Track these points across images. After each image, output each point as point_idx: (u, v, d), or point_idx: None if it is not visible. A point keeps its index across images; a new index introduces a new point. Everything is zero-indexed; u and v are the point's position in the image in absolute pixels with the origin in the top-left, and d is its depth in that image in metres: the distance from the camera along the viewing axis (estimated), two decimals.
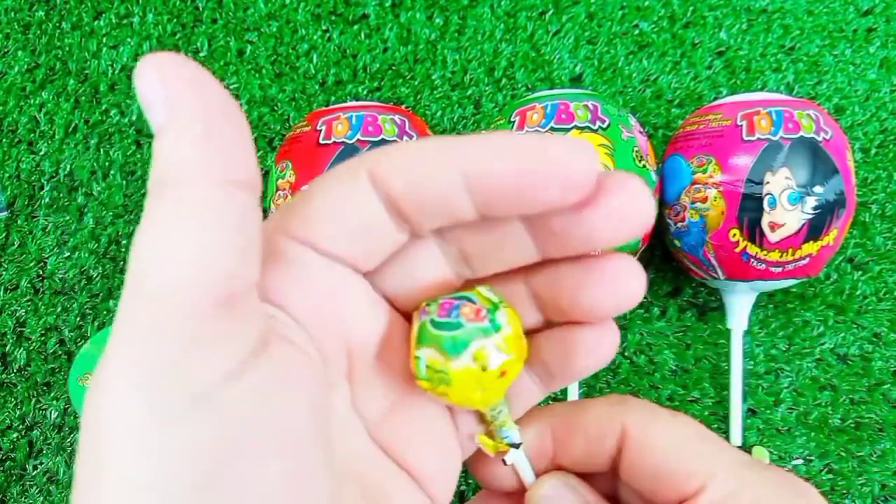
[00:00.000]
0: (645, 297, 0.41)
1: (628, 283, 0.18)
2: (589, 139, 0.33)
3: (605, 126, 0.34)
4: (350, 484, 0.17)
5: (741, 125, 0.34)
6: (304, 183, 0.34)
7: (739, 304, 0.37)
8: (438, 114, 0.44)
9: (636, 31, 0.44)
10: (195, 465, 0.13)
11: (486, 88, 0.44)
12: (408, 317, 0.20)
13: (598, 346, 0.20)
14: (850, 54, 0.44)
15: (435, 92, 0.44)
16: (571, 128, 0.33)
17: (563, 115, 0.34)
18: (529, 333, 0.20)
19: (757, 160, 0.33)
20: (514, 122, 0.35)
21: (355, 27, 0.45)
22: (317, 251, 0.17)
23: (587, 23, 0.45)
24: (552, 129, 0.33)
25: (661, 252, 0.41)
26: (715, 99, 0.39)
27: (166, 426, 0.13)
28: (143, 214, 0.14)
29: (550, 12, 0.45)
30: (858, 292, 0.41)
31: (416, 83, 0.44)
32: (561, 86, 0.44)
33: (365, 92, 0.44)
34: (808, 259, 0.34)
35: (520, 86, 0.44)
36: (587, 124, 0.33)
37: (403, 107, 0.41)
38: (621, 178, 0.16)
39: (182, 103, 0.13)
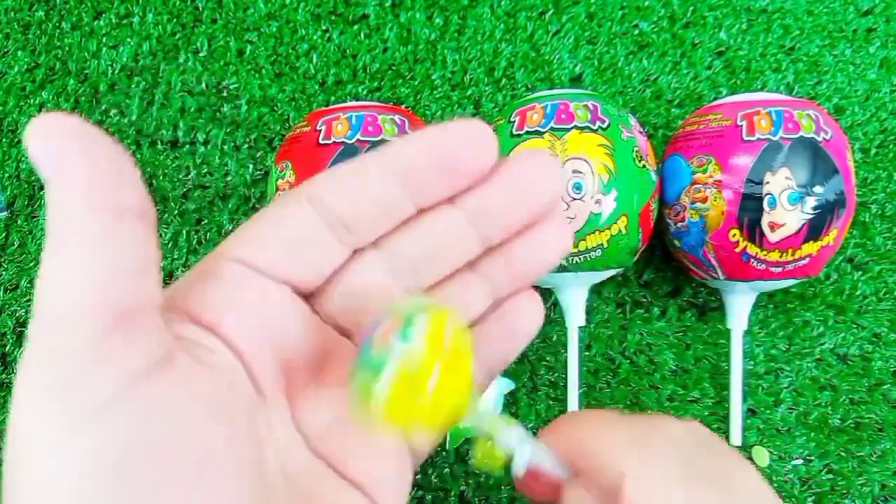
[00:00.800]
0: (645, 297, 0.41)
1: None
2: (589, 139, 0.33)
3: (605, 126, 0.34)
4: (291, 495, 0.18)
5: (741, 125, 0.34)
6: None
7: (739, 304, 0.37)
8: (438, 114, 0.44)
9: (636, 31, 0.44)
10: (99, 474, 0.14)
11: (486, 88, 0.44)
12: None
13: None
14: (850, 54, 0.44)
15: (435, 92, 0.44)
16: (571, 128, 0.33)
17: (562, 115, 0.34)
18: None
19: (757, 160, 0.33)
20: (513, 121, 0.34)
21: (355, 27, 0.45)
22: (255, 270, 0.19)
23: (587, 23, 0.45)
24: (552, 129, 0.33)
25: (661, 252, 0.41)
26: (715, 99, 0.39)
27: (68, 438, 0.14)
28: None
29: (550, 12, 0.45)
30: (858, 292, 0.41)
31: (416, 83, 0.44)
32: (561, 86, 0.44)
33: (365, 92, 0.44)
34: (808, 259, 0.34)
35: (520, 86, 0.44)
36: (587, 124, 0.33)
37: (403, 107, 0.41)
38: (521, 151, 0.20)
39: (65, 153, 0.15)
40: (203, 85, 0.44)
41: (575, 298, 0.37)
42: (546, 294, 0.41)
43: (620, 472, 0.19)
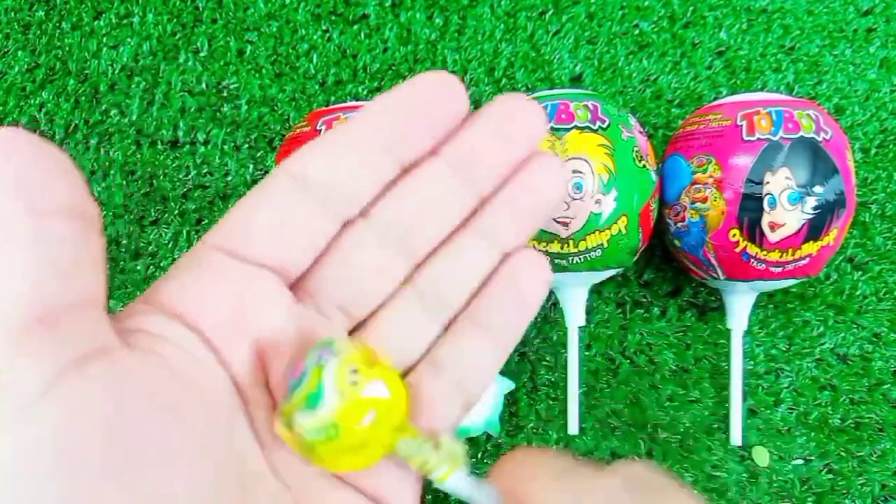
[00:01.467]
0: (645, 297, 0.41)
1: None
2: (589, 139, 0.33)
3: (605, 126, 0.34)
4: (279, 495, 0.18)
5: (741, 125, 0.34)
6: None
7: (739, 304, 0.37)
8: None
9: (636, 31, 0.44)
10: (30, 474, 0.14)
11: (486, 88, 0.44)
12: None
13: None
14: (850, 54, 0.44)
15: None
16: (572, 128, 0.33)
17: (563, 115, 0.34)
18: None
19: (757, 160, 0.33)
20: None
21: (355, 27, 0.45)
22: (235, 257, 0.18)
23: (587, 23, 0.45)
24: (552, 128, 0.33)
25: (661, 252, 0.41)
26: (715, 99, 0.39)
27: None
28: None
29: (550, 12, 0.45)
30: (858, 292, 0.41)
31: None
32: (561, 86, 0.44)
33: (365, 92, 0.44)
34: (808, 259, 0.34)
35: (520, 86, 0.44)
36: (587, 124, 0.33)
37: None
38: (498, 96, 0.20)
39: None
40: (203, 85, 0.44)
41: (575, 298, 0.37)
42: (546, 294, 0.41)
43: None
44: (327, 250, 0.20)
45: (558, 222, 0.33)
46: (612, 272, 0.36)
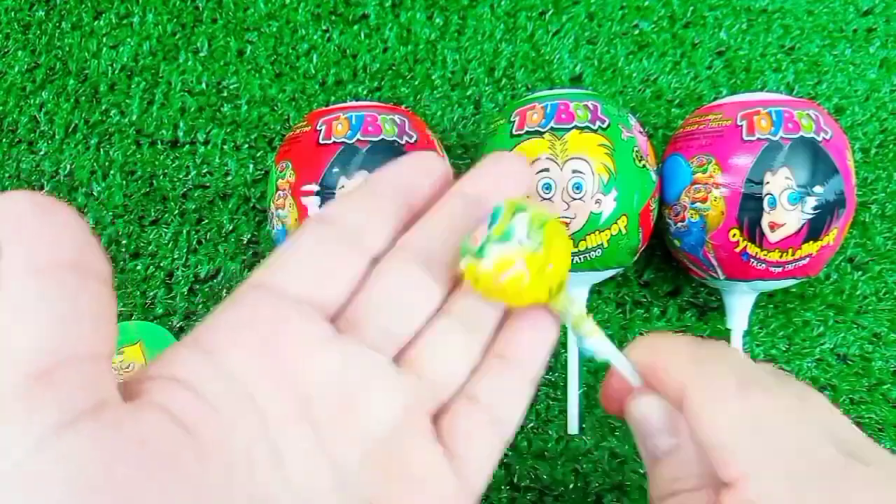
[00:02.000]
0: (645, 297, 0.41)
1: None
2: (589, 139, 0.33)
3: (605, 126, 0.34)
4: None
5: (741, 125, 0.34)
6: (304, 182, 0.34)
7: (739, 304, 0.37)
8: (438, 114, 0.44)
9: (636, 31, 0.44)
10: None
11: (486, 88, 0.44)
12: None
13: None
14: (850, 54, 0.44)
15: (435, 92, 0.44)
16: (571, 127, 0.33)
17: (563, 115, 0.34)
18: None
19: (757, 160, 0.33)
20: (513, 121, 0.34)
21: (355, 27, 0.45)
22: (273, 292, 0.20)
23: (587, 23, 0.44)
24: (552, 128, 0.33)
25: (661, 252, 0.41)
26: (715, 99, 0.39)
27: None
28: None
29: (550, 12, 0.45)
30: (858, 292, 0.41)
31: (416, 83, 0.44)
32: (561, 85, 0.44)
33: (365, 92, 0.44)
34: (808, 259, 0.34)
35: (520, 86, 0.44)
36: (587, 124, 0.33)
37: (403, 107, 0.41)
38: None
39: None
40: (203, 85, 0.44)
41: (575, 298, 0.37)
42: None
43: (682, 382, 0.20)
44: (364, 282, 0.21)
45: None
46: (612, 272, 0.36)
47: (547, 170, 0.33)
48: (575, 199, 0.33)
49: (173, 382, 0.17)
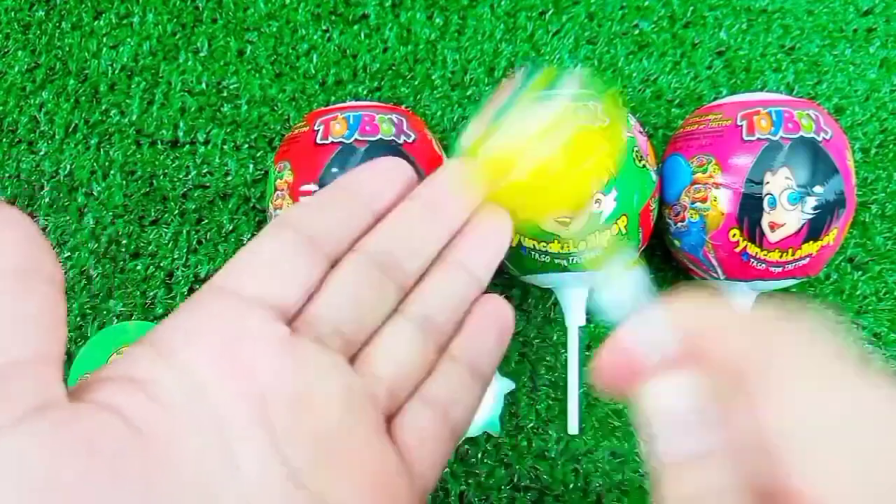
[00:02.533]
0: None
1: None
2: None
3: (605, 125, 0.33)
4: None
5: (741, 125, 0.34)
6: (302, 182, 0.33)
7: (739, 304, 0.37)
8: (438, 114, 0.44)
9: (636, 31, 0.44)
10: None
11: (486, 88, 0.44)
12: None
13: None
14: (850, 54, 0.43)
15: (435, 92, 0.44)
16: None
17: None
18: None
19: (757, 160, 0.33)
20: None
21: (355, 27, 0.45)
22: (229, 295, 0.20)
23: (587, 23, 0.44)
24: None
25: (661, 252, 0.41)
26: (715, 99, 0.39)
27: None
28: None
29: (550, 12, 0.45)
30: (858, 292, 0.41)
31: (416, 83, 0.44)
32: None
33: (365, 92, 0.44)
34: (808, 259, 0.34)
35: None
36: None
37: (403, 107, 0.40)
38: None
39: None
40: (203, 85, 0.44)
41: (575, 298, 0.37)
42: (546, 294, 0.41)
43: (745, 358, 0.15)
44: (321, 284, 0.22)
45: (558, 222, 0.33)
46: None
47: None
48: None
49: (128, 383, 0.17)
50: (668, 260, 0.41)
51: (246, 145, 0.43)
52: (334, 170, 0.33)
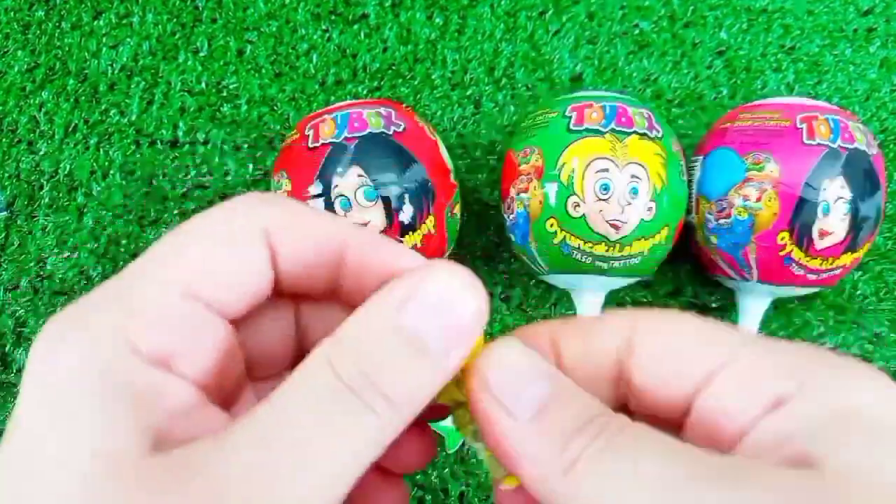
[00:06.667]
0: (645, 298, 0.39)
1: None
2: (647, 147, 0.29)
3: (659, 136, 0.28)
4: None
5: (801, 128, 0.28)
6: (300, 189, 0.29)
7: (754, 306, 0.31)
8: (438, 114, 0.41)
9: (636, 31, 0.41)
10: None
11: (486, 88, 0.41)
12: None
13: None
14: (850, 54, 0.40)
15: (435, 92, 0.41)
16: (632, 133, 0.28)
17: (622, 119, 0.28)
18: None
19: (817, 165, 0.27)
20: (570, 116, 0.29)
21: (355, 27, 0.42)
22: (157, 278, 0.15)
23: (587, 23, 0.41)
24: (613, 130, 0.28)
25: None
26: (715, 98, 0.36)
27: None
28: None
29: (550, 12, 0.41)
30: (858, 292, 0.38)
31: (416, 83, 0.41)
32: (561, 86, 0.41)
33: (365, 92, 0.41)
34: (840, 269, 0.28)
35: (520, 85, 0.41)
36: (645, 131, 0.28)
37: (403, 106, 0.38)
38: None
39: None
40: (203, 85, 0.41)
41: (592, 303, 0.35)
42: (547, 294, 0.39)
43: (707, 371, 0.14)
44: (257, 314, 0.17)
45: (611, 224, 0.31)
46: (633, 280, 0.33)
47: (606, 170, 0.29)
48: (630, 203, 0.31)
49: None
50: (668, 260, 0.38)
51: (246, 145, 0.40)
52: (329, 170, 0.30)
